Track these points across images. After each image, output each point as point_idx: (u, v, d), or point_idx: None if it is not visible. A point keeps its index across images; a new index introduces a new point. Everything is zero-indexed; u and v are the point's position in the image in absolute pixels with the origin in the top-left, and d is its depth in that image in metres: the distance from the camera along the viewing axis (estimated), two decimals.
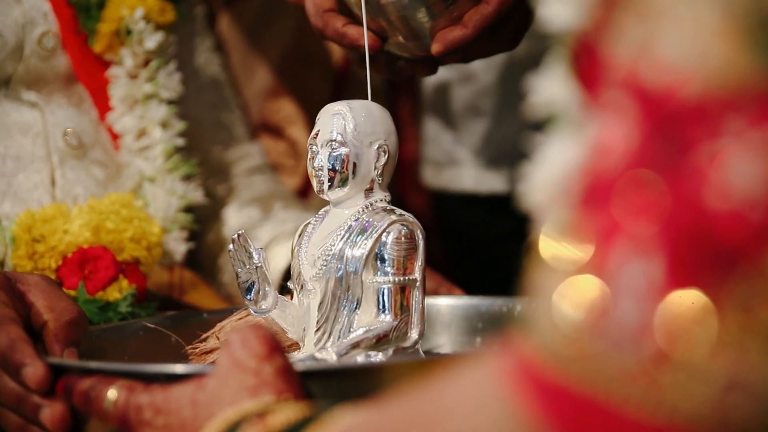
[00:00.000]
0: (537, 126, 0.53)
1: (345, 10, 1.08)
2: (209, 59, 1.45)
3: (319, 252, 0.94)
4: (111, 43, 1.24)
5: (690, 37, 0.38)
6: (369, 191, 0.95)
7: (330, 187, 0.94)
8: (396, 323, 0.91)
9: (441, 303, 1.15)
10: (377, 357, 0.91)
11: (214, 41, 1.48)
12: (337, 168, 0.93)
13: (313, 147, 0.95)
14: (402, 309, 0.92)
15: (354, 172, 0.93)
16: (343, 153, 0.93)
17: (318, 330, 0.93)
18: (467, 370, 0.46)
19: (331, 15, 1.08)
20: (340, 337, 0.92)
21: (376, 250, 0.92)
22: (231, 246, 0.94)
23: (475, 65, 1.58)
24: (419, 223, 0.94)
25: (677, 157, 0.38)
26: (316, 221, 0.97)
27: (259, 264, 0.93)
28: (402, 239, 0.92)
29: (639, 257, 0.38)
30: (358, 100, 0.96)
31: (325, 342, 0.93)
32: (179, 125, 1.27)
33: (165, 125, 1.26)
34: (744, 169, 0.38)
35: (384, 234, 0.92)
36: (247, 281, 0.94)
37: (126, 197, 1.18)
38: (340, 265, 0.92)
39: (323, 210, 0.97)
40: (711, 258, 0.38)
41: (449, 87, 1.68)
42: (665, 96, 0.39)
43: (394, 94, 1.72)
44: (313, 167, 0.94)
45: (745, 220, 0.38)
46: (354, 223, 0.93)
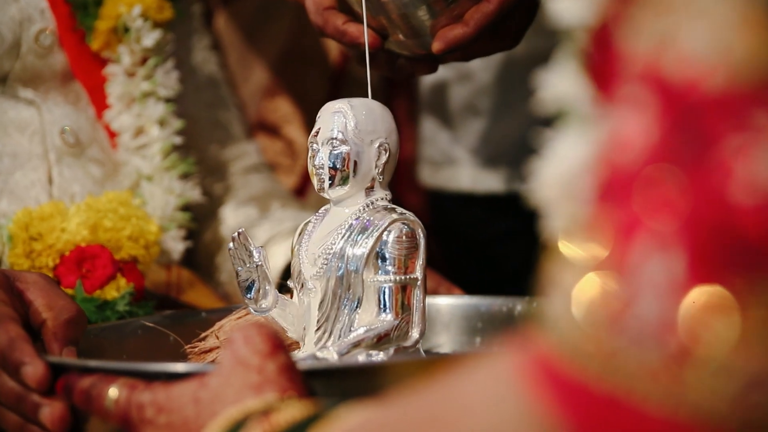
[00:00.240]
0: (545, 122, 0.53)
1: (345, 7, 1.07)
2: (206, 58, 1.45)
3: (320, 251, 0.93)
4: (108, 41, 1.23)
5: (713, 29, 0.38)
6: (370, 190, 0.94)
7: (331, 186, 0.93)
8: (397, 322, 0.91)
9: (440, 302, 1.15)
10: (378, 356, 0.90)
11: (211, 40, 1.48)
12: (338, 166, 0.93)
13: (314, 145, 0.94)
14: (403, 308, 0.91)
15: (355, 170, 0.93)
16: (344, 151, 0.93)
17: (318, 329, 0.93)
18: (481, 367, 0.45)
19: (332, 13, 1.07)
20: (340, 337, 0.92)
21: (377, 248, 0.91)
22: (231, 244, 0.93)
23: (473, 64, 1.58)
24: (420, 222, 0.94)
25: (699, 151, 0.38)
26: (316, 220, 0.96)
27: (260, 262, 0.93)
28: (403, 238, 0.92)
29: (660, 253, 0.38)
30: (358, 98, 0.96)
31: (326, 341, 0.92)
32: (177, 123, 1.27)
33: (162, 123, 1.26)
34: None
35: (385, 233, 0.92)
36: (247, 280, 0.94)
37: (124, 195, 1.17)
38: (340, 264, 0.92)
39: (323, 208, 0.97)
40: (734, 253, 0.37)
41: (447, 86, 1.67)
42: (687, 89, 0.38)
43: (390, 93, 1.71)
44: (314, 165, 0.94)
45: None
46: (355, 222, 0.93)
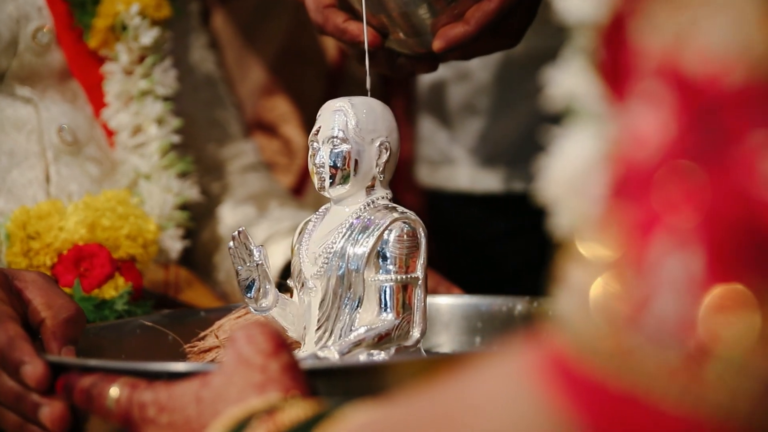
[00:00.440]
0: (551, 119, 0.52)
1: (345, 6, 1.07)
2: (204, 56, 1.44)
3: (321, 250, 0.93)
4: (106, 39, 1.23)
5: (733, 24, 0.37)
6: (370, 188, 0.94)
7: (331, 185, 0.93)
8: (398, 322, 0.91)
9: (440, 302, 1.15)
10: (379, 356, 0.90)
11: (208, 38, 1.47)
12: (339, 165, 0.92)
13: (314, 144, 0.94)
14: (404, 307, 0.91)
15: (355, 169, 0.93)
16: (345, 150, 0.92)
17: (319, 328, 0.92)
18: (492, 365, 0.45)
19: (332, 11, 1.07)
20: (341, 336, 0.91)
21: (378, 248, 0.91)
22: (231, 243, 0.93)
23: (472, 63, 1.57)
24: (421, 221, 0.93)
25: (719, 147, 0.37)
26: (316, 219, 0.96)
27: (260, 261, 0.92)
28: (404, 237, 0.91)
29: (679, 250, 0.38)
30: (359, 96, 0.95)
31: (327, 341, 0.92)
32: (174, 122, 1.26)
33: (160, 122, 1.25)
34: None
35: (386, 232, 0.91)
36: (247, 279, 0.93)
37: (121, 194, 1.17)
38: (341, 263, 0.91)
39: (324, 207, 0.96)
40: (754, 251, 0.37)
41: (445, 85, 1.67)
42: (707, 85, 0.38)
43: (388, 91, 1.71)
44: (314, 164, 0.93)
45: None
46: (355, 221, 0.92)
